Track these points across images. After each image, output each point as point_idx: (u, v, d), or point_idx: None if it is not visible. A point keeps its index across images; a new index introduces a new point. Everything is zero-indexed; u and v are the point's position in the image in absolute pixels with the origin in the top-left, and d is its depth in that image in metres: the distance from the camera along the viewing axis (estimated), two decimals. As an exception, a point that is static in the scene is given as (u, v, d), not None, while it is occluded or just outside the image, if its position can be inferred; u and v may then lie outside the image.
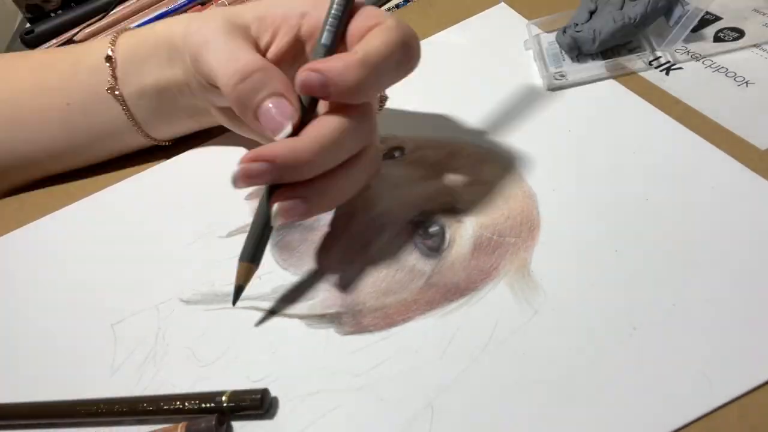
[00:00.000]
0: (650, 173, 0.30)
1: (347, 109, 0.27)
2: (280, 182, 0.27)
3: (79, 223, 0.38)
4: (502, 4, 0.44)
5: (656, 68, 0.35)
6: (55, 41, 0.59)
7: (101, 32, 0.57)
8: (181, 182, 0.38)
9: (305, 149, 0.26)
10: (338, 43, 0.28)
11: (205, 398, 0.26)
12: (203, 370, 0.28)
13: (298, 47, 0.31)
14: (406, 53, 0.27)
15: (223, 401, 0.26)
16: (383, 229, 0.32)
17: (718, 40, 0.36)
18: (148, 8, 0.58)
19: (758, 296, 0.25)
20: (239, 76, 0.27)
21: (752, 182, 0.29)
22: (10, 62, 0.41)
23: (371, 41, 0.27)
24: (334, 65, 0.26)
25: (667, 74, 0.35)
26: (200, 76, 0.31)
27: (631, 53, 0.36)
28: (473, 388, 0.25)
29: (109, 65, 0.36)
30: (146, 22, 0.56)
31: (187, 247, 0.34)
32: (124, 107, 0.37)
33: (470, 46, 0.42)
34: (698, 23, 0.35)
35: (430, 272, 0.29)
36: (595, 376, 0.24)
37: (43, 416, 0.28)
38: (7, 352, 0.32)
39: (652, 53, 0.36)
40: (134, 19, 0.57)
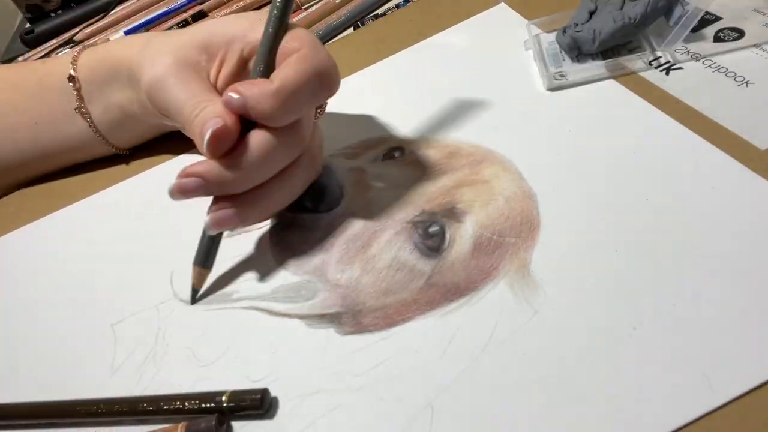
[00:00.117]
0: (650, 173, 0.30)
1: (275, 127, 0.28)
2: (210, 196, 0.29)
3: (79, 223, 0.38)
4: (502, 4, 0.44)
5: (656, 68, 0.35)
6: (55, 41, 0.59)
7: (101, 32, 0.58)
8: (181, 182, 0.38)
9: (232, 167, 0.28)
10: (272, 64, 0.29)
11: (205, 398, 0.26)
12: (203, 370, 0.28)
13: (243, 66, 0.32)
14: (320, 83, 0.28)
15: (223, 401, 0.26)
16: (383, 229, 0.32)
17: (718, 40, 0.36)
18: (148, 8, 0.59)
19: (758, 296, 0.25)
20: (194, 113, 0.29)
21: (752, 182, 0.29)
22: None
23: (286, 70, 0.28)
24: (251, 91, 0.27)
25: (667, 74, 0.35)
26: (155, 109, 0.33)
27: (631, 53, 0.36)
28: (473, 388, 0.25)
29: (72, 85, 0.37)
30: (146, 22, 0.56)
31: (187, 247, 0.34)
32: (90, 124, 0.38)
33: (470, 46, 0.42)
34: (698, 23, 0.35)
35: (430, 272, 0.29)
36: (595, 376, 0.24)
37: (43, 416, 0.28)
38: (7, 352, 0.32)
39: (652, 53, 0.36)
40: (134, 19, 0.58)
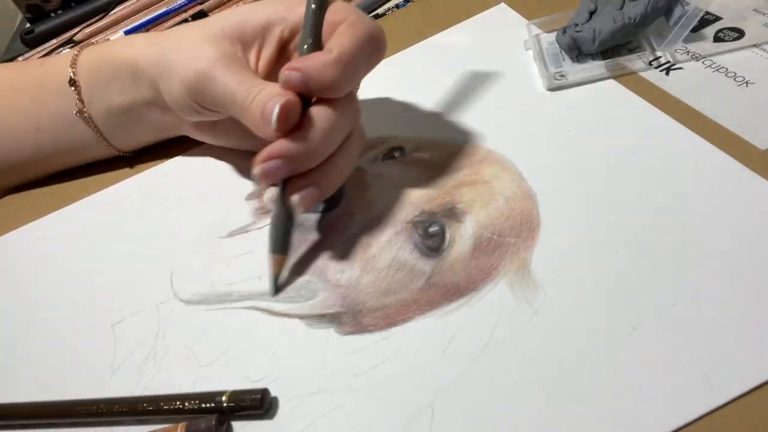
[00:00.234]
0: (650, 173, 0.30)
1: (333, 99, 0.29)
2: (293, 174, 0.29)
3: (79, 223, 0.38)
4: (502, 4, 0.44)
5: (656, 68, 0.35)
6: (55, 41, 0.59)
7: (101, 32, 0.58)
8: (181, 182, 0.39)
9: (304, 141, 0.28)
10: (319, 38, 0.30)
11: (205, 398, 0.26)
12: (203, 370, 0.28)
13: (283, 50, 0.33)
14: (374, 46, 0.30)
15: (223, 401, 0.26)
16: (383, 229, 0.32)
17: (718, 40, 0.36)
18: (148, 8, 0.58)
19: (758, 296, 0.25)
20: (249, 98, 0.29)
21: (752, 182, 0.29)
22: None
23: (341, 39, 0.29)
24: (312, 64, 0.28)
25: (667, 74, 0.35)
26: (198, 102, 0.33)
27: (631, 53, 0.36)
28: (473, 388, 0.25)
29: (74, 89, 0.37)
30: (146, 22, 0.56)
31: (187, 247, 0.34)
32: (92, 126, 0.38)
33: (470, 46, 0.42)
34: (698, 23, 0.35)
35: (430, 272, 0.29)
36: (595, 376, 0.24)
37: (43, 416, 0.28)
38: (7, 352, 0.32)
39: (652, 53, 0.36)
40: (134, 19, 0.57)
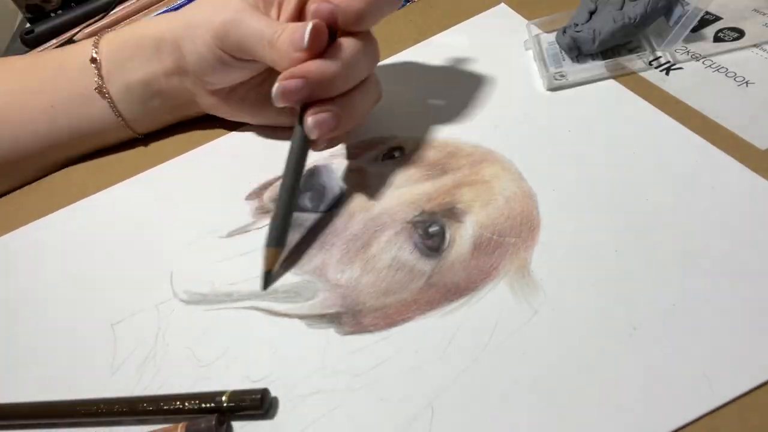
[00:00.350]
0: (650, 173, 0.30)
1: (356, 35, 0.31)
2: (312, 99, 0.31)
3: (78, 223, 0.38)
4: (502, 4, 0.44)
5: (656, 68, 0.35)
6: (55, 41, 0.59)
7: (101, 32, 0.57)
8: (181, 182, 0.39)
9: (330, 66, 0.30)
10: None
11: (205, 398, 0.26)
12: (203, 370, 0.28)
13: (303, 10, 0.34)
14: None
15: (223, 401, 0.26)
16: (383, 229, 0.32)
17: (718, 40, 0.36)
18: (148, 8, 0.58)
19: (758, 296, 0.25)
20: (278, 33, 0.31)
21: (752, 182, 0.29)
22: None
23: None
24: None
25: (667, 74, 0.35)
26: (224, 50, 0.34)
27: (631, 53, 0.36)
28: (473, 388, 0.25)
29: (94, 66, 0.38)
30: (146, 22, 0.56)
31: (187, 247, 0.34)
32: (111, 104, 0.39)
33: (470, 46, 0.42)
34: (698, 23, 0.35)
35: (430, 272, 0.29)
36: (594, 376, 0.24)
37: (43, 416, 0.28)
38: (7, 352, 0.32)
39: (652, 53, 0.36)
40: (134, 19, 0.57)
